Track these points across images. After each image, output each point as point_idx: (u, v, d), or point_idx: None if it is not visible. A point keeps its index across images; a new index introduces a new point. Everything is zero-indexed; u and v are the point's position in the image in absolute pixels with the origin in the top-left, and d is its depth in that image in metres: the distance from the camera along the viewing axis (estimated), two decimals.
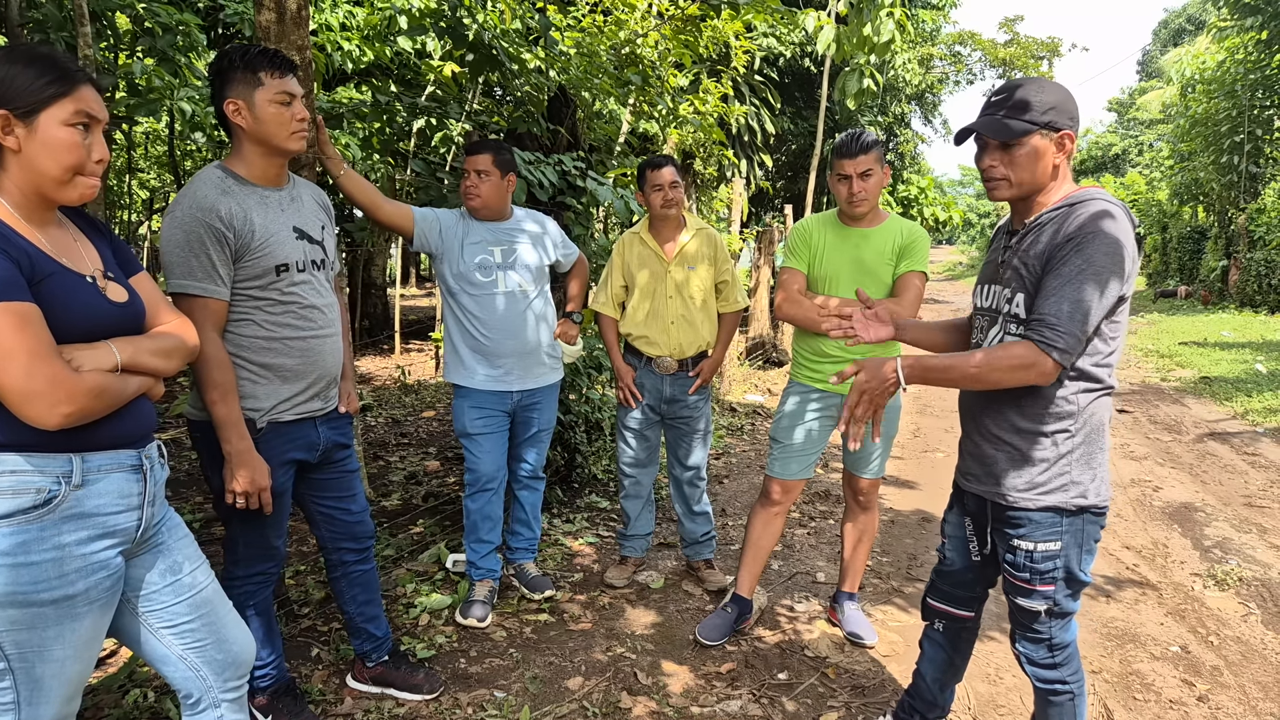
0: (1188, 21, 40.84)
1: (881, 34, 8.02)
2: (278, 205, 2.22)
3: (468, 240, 3.09)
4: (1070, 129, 1.88)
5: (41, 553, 1.46)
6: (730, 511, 4.68)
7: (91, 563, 1.53)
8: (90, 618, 1.54)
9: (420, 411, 7.09)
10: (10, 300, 1.38)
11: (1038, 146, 1.87)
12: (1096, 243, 1.78)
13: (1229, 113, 18.15)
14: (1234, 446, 6.27)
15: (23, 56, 1.47)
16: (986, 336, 2.04)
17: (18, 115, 1.45)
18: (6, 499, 1.44)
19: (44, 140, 1.47)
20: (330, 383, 2.36)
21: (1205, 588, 3.70)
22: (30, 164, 1.48)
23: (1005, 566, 2.04)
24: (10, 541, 1.43)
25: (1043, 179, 1.91)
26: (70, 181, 1.52)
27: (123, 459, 1.60)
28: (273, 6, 2.60)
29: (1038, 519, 1.95)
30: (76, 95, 1.50)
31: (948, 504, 2.28)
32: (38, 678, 1.50)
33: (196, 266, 2.06)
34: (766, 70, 13.14)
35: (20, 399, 1.39)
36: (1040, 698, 2.09)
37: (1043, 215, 1.92)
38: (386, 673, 2.71)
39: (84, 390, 1.45)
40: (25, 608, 1.45)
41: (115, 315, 1.59)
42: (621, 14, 5.41)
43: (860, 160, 2.81)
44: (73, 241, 1.60)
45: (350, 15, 6.97)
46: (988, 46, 21.63)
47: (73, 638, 1.52)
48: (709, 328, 3.44)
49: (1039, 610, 1.99)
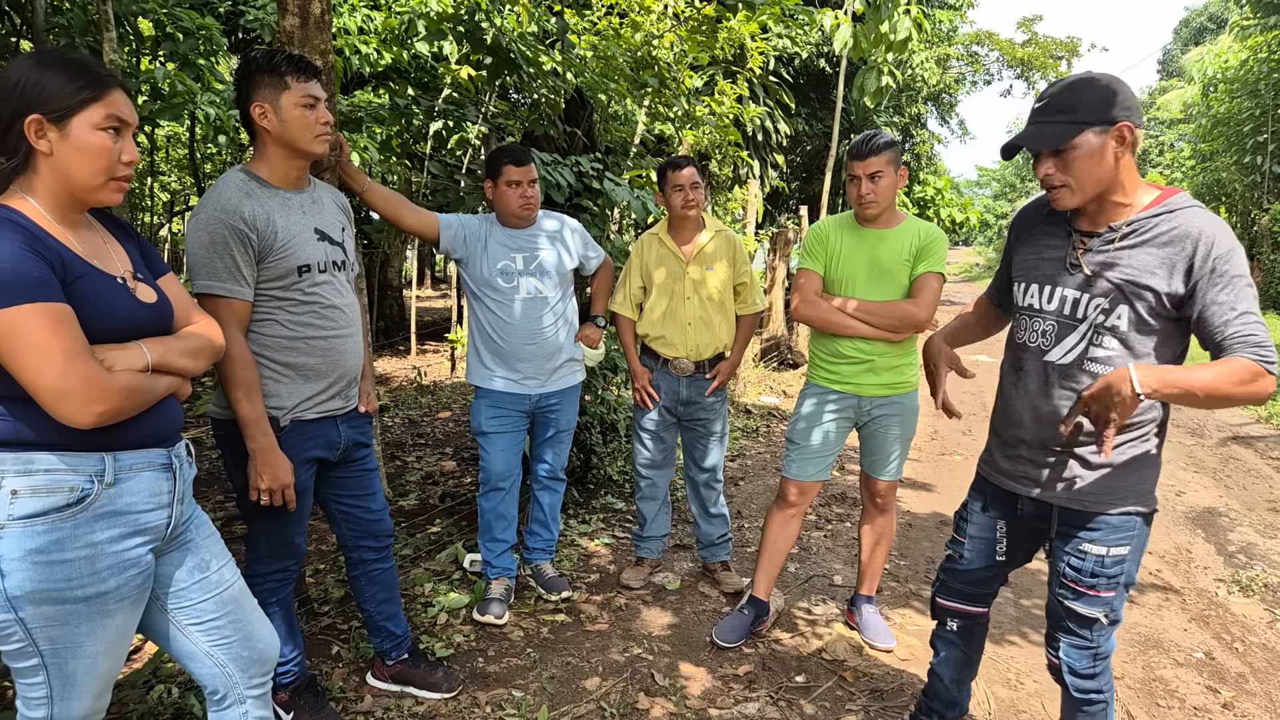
0: (1209, 20, 40.38)
1: (899, 31, 7.99)
2: (299, 208, 2.24)
3: (490, 246, 3.11)
4: (1128, 119, 1.77)
5: (75, 550, 1.49)
6: (746, 514, 4.66)
7: (123, 560, 1.55)
8: (121, 614, 1.57)
9: (436, 412, 7.12)
10: (45, 301, 1.41)
11: (1093, 145, 1.78)
12: (1240, 258, 1.74)
13: (1252, 112, 17.93)
14: (1258, 451, 6.19)
15: (55, 61, 1.49)
16: (1059, 344, 1.93)
17: (50, 119, 1.48)
18: (41, 497, 1.46)
19: (76, 144, 1.49)
20: (351, 382, 2.39)
21: (1229, 593, 3.66)
22: (62, 167, 1.50)
23: (1069, 572, 1.98)
24: (44, 539, 1.46)
25: (1108, 178, 1.81)
26: (102, 185, 1.54)
27: (153, 457, 1.62)
28: (296, 11, 2.62)
29: (1115, 523, 1.91)
30: (108, 99, 1.52)
31: (969, 505, 2.24)
32: (70, 673, 1.53)
33: (221, 268, 2.09)
34: (781, 71, 13.12)
35: (55, 398, 1.41)
36: (1073, 705, 2.06)
37: (1140, 221, 1.82)
38: (405, 670, 2.72)
39: (117, 389, 1.47)
40: (59, 604, 1.48)
41: (145, 316, 1.61)
42: (637, 16, 5.42)
43: (870, 162, 2.79)
44: (102, 243, 1.62)
45: (368, 19, 7.02)
46: (1005, 46, 21.50)
47: (104, 634, 1.55)
48: (726, 329, 3.43)
49: (1097, 617, 1.96)
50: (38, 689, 1.53)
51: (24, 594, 1.45)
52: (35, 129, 1.47)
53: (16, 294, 1.38)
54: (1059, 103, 1.81)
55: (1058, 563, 2.02)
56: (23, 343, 1.38)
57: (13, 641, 1.49)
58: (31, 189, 1.51)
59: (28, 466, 1.46)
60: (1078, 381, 1.91)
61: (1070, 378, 1.92)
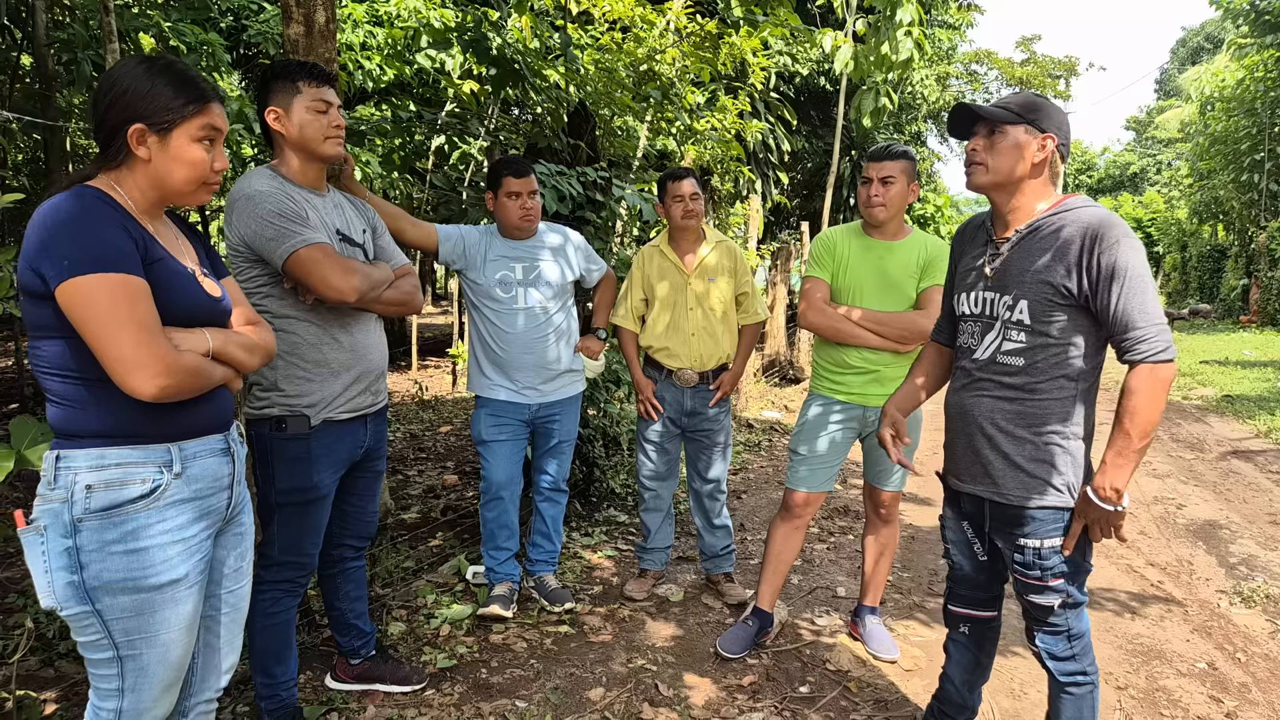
0: (1206, 39, 40.73)
1: (900, 53, 8.05)
2: (321, 209, 2.30)
3: (490, 257, 3.13)
4: (1054, 134, 1.96)
5: (149, 539, 1.54)
6: (749, 526, 4.66)
7: (190, 546, 1.61)
8: (192, 600, 1.62)
9: (438, 426, 7.12)
10: (129, 273, 1.47)
11: (1019, 140, 1.95)
12: (1127, 248, 1.84)
13: (1249, 130, 18.06)
14: (1258, 465, 6.19)
15: (163, 72, 1.55)
16: (981, 342, 2.07)
17: (153, 130, 1.53)
18: (115, 490, 1.51)
19: (175, 154, 1.56)
20: (378, 376, 2.45)
21: (1231, 605, 3.65)
22: (158, 174, 1.56)
23: (1015, 566, 2.05)
24: (120, 530, 1.51)
25: (1019, 173, 1.97)
26: (193, 191, 1.61)
27: (213, 443, 1.69)
28: (301, 20, 2.65)
29: (1040, 516, 1.98)
30: (207, 111, 1.58)
31: (944, 509, 2.30)
32: (144, 665, 1.57)
33: (299, 223, 2.15)
34: (783, 88, 13.19)
35: (126, 368, 1.45)
36: (1060, 692, 2.10)
37: (1038, 222, 1.97)
38: (374, 668, 2.75)
39: (183, 367, 1.52)
40: (135, 594, 1.53)
41: (209, 307, 1.68)
42: (640, 31, 5.47)
43: (885, 165, 2.83)
44: (175, 239, 1.69)
45: (370, 34, 7.07)
46: (1004, 65, 21.66)
47: (177, 622, 1.59)
48: (729, 340, 3.44)
49: (1053, 604, 2.02)
50: (109, 681, 1.56)
51: (101, 585, 1.50)
52: (137, 138, 1.53)
53: (105, 264, 1.44)
54: (1013, 101, 2.00)
55: (1007, 559, 2.09)
56: (103, 310, 1.43)
57: (89, 633, 1.54)
58: (120, 181, 1.57)
59: (100, 461, 1.51)
60: (993, 375, 2.03)
61: (987, 371, 2.04)
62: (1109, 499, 1.86)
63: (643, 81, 5.36)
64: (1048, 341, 1.94)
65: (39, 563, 1.51)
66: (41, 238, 1.44)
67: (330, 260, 2.16)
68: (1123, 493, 1.86)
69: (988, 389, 2.04)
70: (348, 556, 2.64)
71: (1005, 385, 2.01)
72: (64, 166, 7.92)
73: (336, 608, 2.69)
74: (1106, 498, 1.86)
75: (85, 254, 1.43)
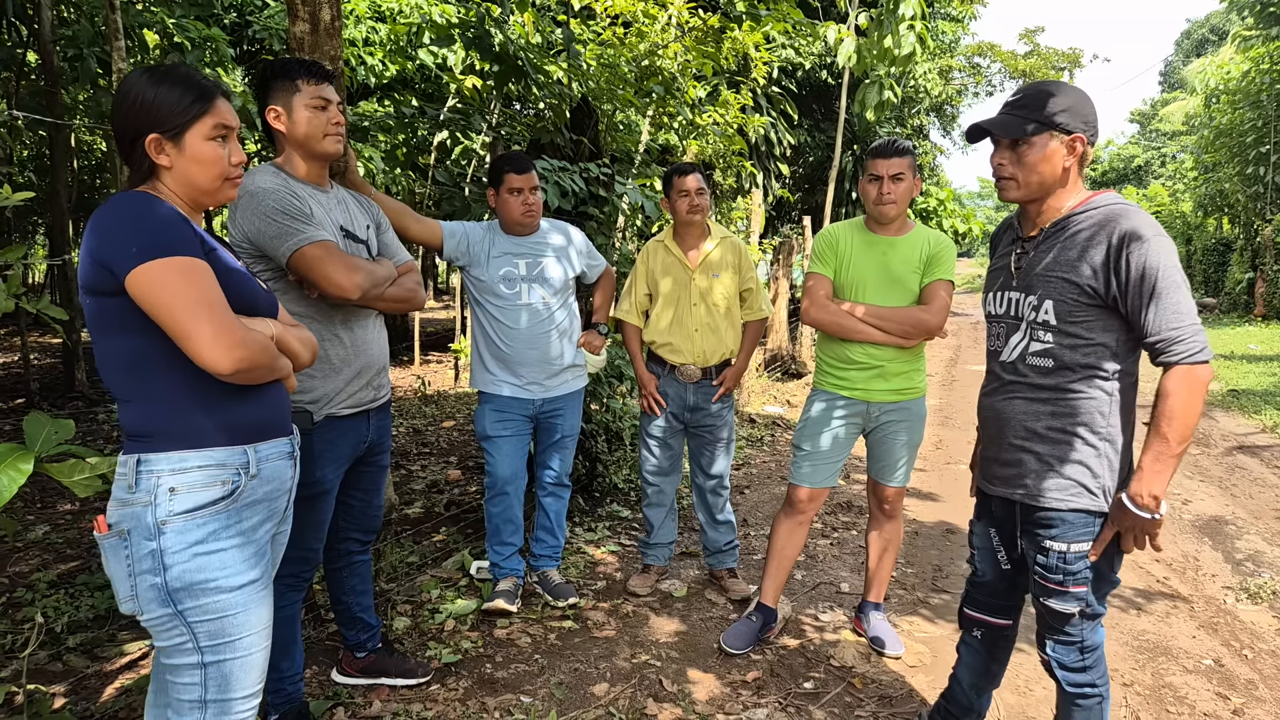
0: (1211, 31, 40.54)
1: (903, 46, 8.02)
2: (325, 205, 2.31)
3: (493, 253, 3.13)
4: (1083, 133, 1.89)
5: (228, 539, 1.57)
6: (752, 522, 4.66)
7: (262, 546, 1.65)
8: (266, 603, 1.65)
9: (440, 421, 7.12)
10: (199, 258, 1.52)
11: (1048, 148, 1.88)
12: (1158, 248, 1.79)
13: (1254, 123, 17.97)
14: (1264, 460, 6.18)
15: (164, 79, 1.58)
16: (1007, 344, 2.04)
17: (167, 137, 1.57)
18: (197, 492, 1.54)
19: (192, 156, 1.59)
20: (380, 371, 2.46)
21: (1238, 601, 3.64)
22: (183, 176, 1.60)
23: (1036, 569, 2.02)
24: (202, 531, 1.54)
25: (1051, 182, 1.92)
26: (219, 187, 1.64)
27: (282, 446, 1.73)
28: (306, 17, 2.65)
29: (1070, 519, 1.94)
30: (214, 110, 1.61)
31: (974, 514, 2.28)
32: (227, 672, 1.58)
33: (302, 220, 2.16)
34: (785, 82, 13.16)
35: (203, 342, 1.48)
36: (1068, 702, 2.07)
37: (1064, 221, 1.92)
38: (379, 660, 2.76)
39: (256, 342, 1.57)
40: (216, 594, 1.55)
41: (264, 299, 1.72)
42: (642, 26, 5.45)
43: (894, 162, 2.82)
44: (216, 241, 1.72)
45: (373, 30, 7.07)
46: (1007, 58, 21.59)
47: (257, 623, 1.62)
48: (733, 335, 3.44)
49: (1072, 613, 1.98)
50: (191, 690, 1.57)
51: (184, 586, 1.52)
52: (155, 147, 1.57)
53: (172, 248, 1.49)
54: (1029, 100, 1.91)
55: (1030, 562, 2.05)
56: (178, 290, 1.47)
57: (173, 636, 1.55)
58: (158, 191, 1.61)
59: (182, 465, 1.54)
60: (1023, 377, 2.00)
61: (1016, 374, 2.02)
62: (1146, 506, 1.82)
63: (645, 77, 5.34)
64: (1076, 342, 1.90)
65: (121, 567, 1.53)
66: (104, 233, 1.48)
67: (333, 257, 2.16)
68: (1161, 499, 1.82)
69: (1019, 391, 2.01)
70: (353, 550, 2.66)
71: (1036, 386, 1.98)
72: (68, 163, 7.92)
73: (342, 602, 2.70)
74: (1144, 505, 1.82)
75: (153, 241, 1.47)
